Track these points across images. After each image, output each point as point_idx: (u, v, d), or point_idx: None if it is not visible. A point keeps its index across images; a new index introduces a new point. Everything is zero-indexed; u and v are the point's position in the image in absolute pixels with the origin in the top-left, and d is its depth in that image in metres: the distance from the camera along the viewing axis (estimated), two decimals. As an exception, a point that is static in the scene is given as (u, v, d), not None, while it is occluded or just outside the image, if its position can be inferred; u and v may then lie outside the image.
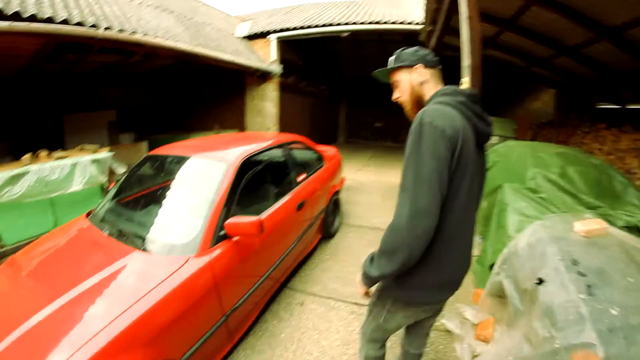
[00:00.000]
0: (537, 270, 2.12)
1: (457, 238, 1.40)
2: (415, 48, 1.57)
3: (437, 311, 1.76)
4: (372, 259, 1.44)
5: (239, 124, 10.20)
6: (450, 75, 2.29)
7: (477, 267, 3.65)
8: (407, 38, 10.80)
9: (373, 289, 1.63)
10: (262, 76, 9.26)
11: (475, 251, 4.27)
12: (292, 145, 4.22)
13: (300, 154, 4.94)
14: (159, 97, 11.43)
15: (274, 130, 9.70)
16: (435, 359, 2.68)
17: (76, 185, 4.82)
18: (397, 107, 1.68)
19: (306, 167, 4.42)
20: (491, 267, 3.13)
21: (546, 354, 1.68)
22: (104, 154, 5.35)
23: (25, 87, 7.77)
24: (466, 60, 3.24)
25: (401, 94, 1.58)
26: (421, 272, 1.39)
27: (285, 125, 10.87)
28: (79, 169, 4.88)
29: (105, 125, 9.11)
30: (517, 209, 3.32)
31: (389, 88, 1.66)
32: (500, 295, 2.69)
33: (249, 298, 2.68)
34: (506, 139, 8.01)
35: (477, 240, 4.32)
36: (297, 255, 3.71)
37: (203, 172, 2.97)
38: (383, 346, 1.91)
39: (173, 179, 3.04)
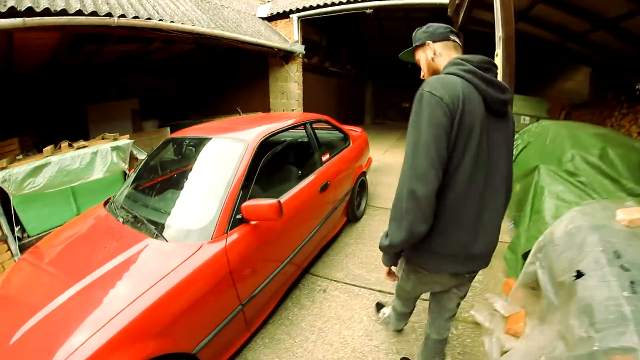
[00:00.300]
0: (575, 261, 1.95)
1: (465, 207, 1.39)
2: (426, 26, 1.61)
3: (455, 292, 1.73)
4: (386, 234, 1.46)
5: (262, 107, 10.05)
6: (484, 49, 2.15)
7: (508, 254, 3.42)
8: (434, 14, 10.45)
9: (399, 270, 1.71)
10: (285, 57, 9.05)
11: (506, 237, 4.14)
12: (316, 125, 4.05)
13: (324, 134, 4.78)
14: (181, 83, 11.35)
15: (299, 111, 9.55)
16: (462, 352, 2.50)
17: (97, 174, 4.84)
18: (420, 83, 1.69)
19: (331, 147, 4.26)
20: (524, 255, 2.95)
21: (582, 356, 1.50)
22: (124, 141, 5.34)
23: (48, 80, 7.83)
24: (499, 32, 3.00)
25: (424, 72, 1.63)
26: (429, 239, 1.40)
27: (309, 106, 10.64)
28: (100, 157, 4.90)
29: (129, 114, 9.16)
30: (554, 193, 3.07)
31: (415, 67, 1.71)
32: (533, 287, 2.52)
33: (268, 285, 2.58)
34: (538, 119, 7.67)
35: (508, 225, 4.14)
36: (320, 240, 3.58)
37: (220, 153, 2.86)
38: (409, 306, 2.10)
39: (190, 162, 2.94)
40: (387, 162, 8.46)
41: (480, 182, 1.39)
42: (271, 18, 10.00)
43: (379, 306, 2.85)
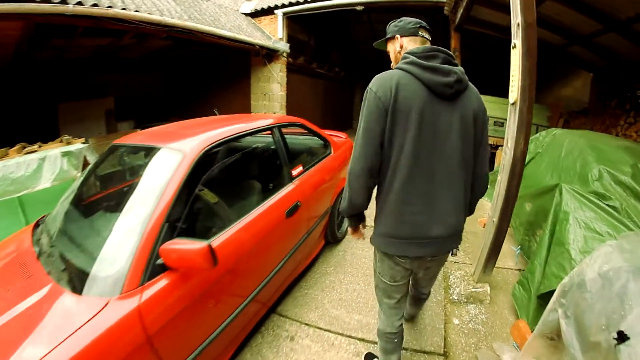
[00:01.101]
0: (615, 317, 1.46)
1: (414, 188, 1.50)
2: (398, 20, 1.72)
3: (424, 274, 1.90)
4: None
5: (244, 109, 9.41)
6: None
7: (518, 291, 2.84)
8: (430, 14, 10.04)
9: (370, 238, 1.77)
10: (268, 56, 8.40)
11: (509, 261, 3.56)
12: (289, 130, 3.46)
13: (300, 141, 4.14)
14: (160, 82, 10.72)
15: (280, 114, 8.88)
16: None
17: (45, 182, 4.17)
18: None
19: (306, 157, 3.64)
20: (542, 297, 2.45)
21: None
22: (77, 145, 4.67)
23: (17, 77, 7.20)
24: (517, 18, 2.37)
25: (393, 62, 1.76)
26: (386, 222, 1.59)
27: (293, 109, 10.00)
28: (48, 164, 4.22)
29: (103, 114, 8.65)
30: (581, 221, 2.46)
31: None
32: (552, 337, 1.96)
33: (214, 341, 1.93)
34: (538, 127, 7.13)
35: (513, 249, 3.56)
36: (289, 274, 2.92)
37: (148, 169, 2.14)
38: (393, 298, 1.88)
39: (119, 179, 2.34)
40: (375, 170, 7.74)
41: (428, 162, 1.49)
42: (255, 14, 9.37)
43: (370, 356, 2.40)
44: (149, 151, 2.27)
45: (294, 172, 2.97)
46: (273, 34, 8.72)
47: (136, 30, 5.61)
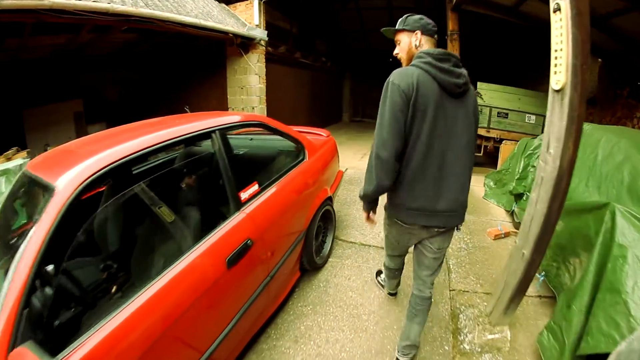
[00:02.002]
0: None
1: (428, 169, 1.75)
2: (419, 16, 1.88)
3: (428, 245, 2.01)
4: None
5: (221, 105, 8.64)
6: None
7: (547, 338, 2.17)
8: (418, 5, 9.49)
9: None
10: (244, 45, 7.58)
11: (531, 288, 2.86)
12: (238, 132, 2.85)
13: (256, 148, 3.40)
14: (133, 80, 9.91)
15: (259, 110, 8.10)
16: None
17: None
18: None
19: (269, 168, 2.90)
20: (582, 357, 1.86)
21: None
22: (17, 161, 3.93)
23: None
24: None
25: (400, 52, 1.95)
26: (401, 195, 1.83)
27: (275, 103, 9.23)
28: (-21, 186, 3.47)
29: (71, 117, 8.12)
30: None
31: (395, 62, 2.01)
32: None
33: None
34: (545, 117, 6.44)
35: (537, 276, 2.85)
36: (246, 331, 2.15)
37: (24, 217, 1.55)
38: (396, 262, 2.45)
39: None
40: (364, 169, 7.02)
41: (439, 149, 1.74)
42: (230, 0, 8.49)
43: (379, 273, 3.14)
44: (30, 186, 1.57)
45: (244, 195, 2.16)
46: (250, 21, 7.87)
47: (88, 23, 4.88)
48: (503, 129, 6.44)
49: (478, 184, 6.05)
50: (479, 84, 6.47)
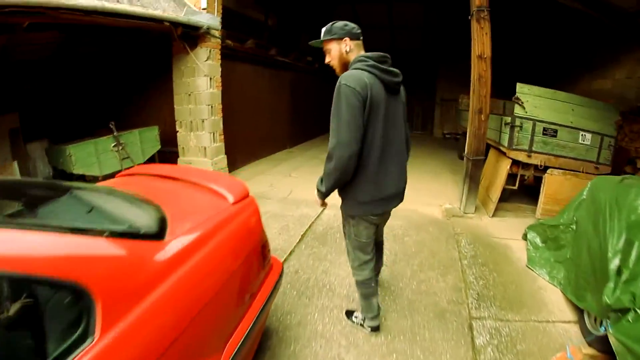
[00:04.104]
0: None
1: (385, 164, 2.02)
2: (343, 23, 2.04)
3: (382, 224, 2.55)
4: (321, 180, 2.07)
5: (166, 115, 6.78)
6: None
7: None
8: None
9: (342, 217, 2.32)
10: (188, 37, 5.61)
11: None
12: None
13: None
14: (81, 88, 8.17)
15: (211, 123, 6.13)
16: None
17: None
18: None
19: None
20: None
21: None
22: None
23: None
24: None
25: (332, 60, 2.10)
26: (367, 189, 2.01)
27: (240, 113, 7.32)
28: None
29: (6, 134, 6.69)
30: None
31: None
32: None
33: None
34: (603, 137, 4.44)
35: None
36: None
37: None
38: (368, 252, 2.33)
39: None
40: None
41: (391, 140, 2.03)
42: (179, -19, 6.49)
43: (349, 313, 2.78)
44: None
45: None
46: (197, 5, 5.87)
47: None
48: (549, 153, 4.39)
49: (514, 235, 4.06)
50: (519, 86, 4.37)
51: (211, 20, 5.52)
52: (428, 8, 10.77)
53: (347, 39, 2.00)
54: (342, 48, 2.02)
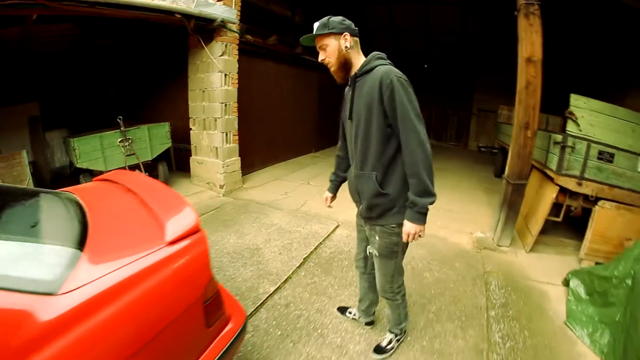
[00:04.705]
0: None
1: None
2: (341, 18, 1.83)
3: None
4: (418, 193, 1.72)
5: (183, 111, 6.42)
6: None
7: None
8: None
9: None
10: (203, 31, 5.24)
11: None
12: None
13: None
14: (101, 80, 8.22)
15: (224, 122, 5.67)
16: None
17: None
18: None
19: None
20: None
21: None
22: None
23: None
24: None
25: (328, 57, 1.85)
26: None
27: (259, 112, 6.92)
28: None
29: (26, 122, 6.91)
30: None
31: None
32: None
33: None
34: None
35: None
36: None
37: None
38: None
39: None
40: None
41: None
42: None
43: (342, 310, 2.74)
44: None
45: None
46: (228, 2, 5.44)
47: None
48: (604, 182, 3.61)
49: (554, 278, 3.38)
50: (573, 98, 3.59)
51: (226, 12, 5.08)
52: (466, 10, 9.99)
53: (347, 34, 1.81)
54: (341, 44, 1.82)
